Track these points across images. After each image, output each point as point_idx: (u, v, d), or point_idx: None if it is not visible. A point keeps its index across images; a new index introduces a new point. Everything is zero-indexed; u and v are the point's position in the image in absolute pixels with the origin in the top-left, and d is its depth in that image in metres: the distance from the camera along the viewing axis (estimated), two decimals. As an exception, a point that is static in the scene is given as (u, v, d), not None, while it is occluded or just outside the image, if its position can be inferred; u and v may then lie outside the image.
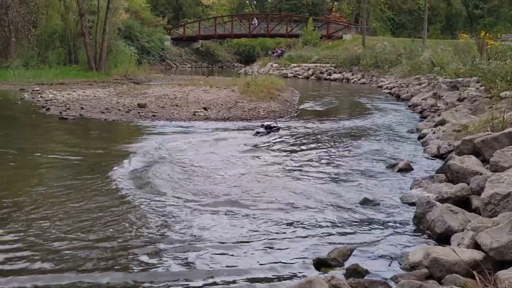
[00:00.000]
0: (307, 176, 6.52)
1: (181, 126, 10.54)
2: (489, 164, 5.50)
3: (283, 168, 6.98)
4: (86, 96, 15.17)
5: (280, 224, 4.70)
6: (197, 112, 12.12)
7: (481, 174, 5.19)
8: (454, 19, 57.27)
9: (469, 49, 19.43)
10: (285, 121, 11.67)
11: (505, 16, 45.12)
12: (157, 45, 45.47)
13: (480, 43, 17.27)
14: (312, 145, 8.71)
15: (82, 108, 12.62)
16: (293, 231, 4.52)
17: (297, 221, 4.76)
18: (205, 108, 12.57)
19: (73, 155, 7.67)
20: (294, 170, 6.83)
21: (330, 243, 4.24)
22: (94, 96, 15.19)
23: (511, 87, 9.84)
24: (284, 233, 4.48)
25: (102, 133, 10.02)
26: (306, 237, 4.40)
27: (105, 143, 8.61)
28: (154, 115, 11.75)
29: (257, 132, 9.70)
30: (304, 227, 4.62)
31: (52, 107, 12.88)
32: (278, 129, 10.01)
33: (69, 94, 15.51)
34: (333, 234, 4.46)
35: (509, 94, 9.54)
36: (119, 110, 12.46)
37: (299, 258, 3.97)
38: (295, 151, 8.17)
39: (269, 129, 9.83)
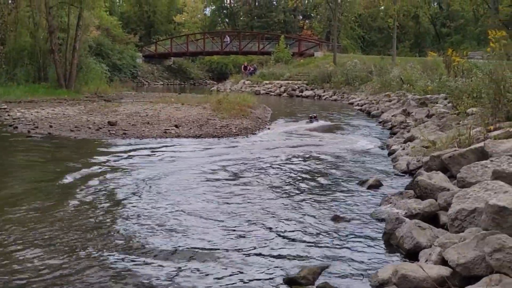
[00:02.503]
0: (277, 193, 6.51)
1: (152, 144, 10.45)
2: (456, 180, 5.58)
3: (252, 186, 6.96)
4: (55, 114, 14.94)
5: (250, 242, 4.67)
6: (168, 129, 12.04)
7: (448, 190, 5.26)
8: (422, 37, 58.51)
9: (437, 67, 19.84)
10: (256, 138, 11.68)
11: (471, 34, 46.27)
12: (128, 62, 45.20)
13: (447, 60, 17.65)
14: (283, 162, 8.71)
15: (51, 127, 12.41)
16: (263, 249, 4.49)
17: (267, 239, 4.74)
18: (176, 126, 12.51)
19: (37, 174, 7.52)
20: (264, 188, 6.81)
21: (300, 261, 4.23)
22: (64, 114, 14.98)
23: (477, 104, 10.04)
24: (254, 251, 4.45)
25: (68, 151, 9.81)
26: (276, 255, 4.38)
27: (71, 162, 8.42)
28: (124, 133, 11.64)
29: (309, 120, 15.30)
30: (274, 245, 4.60)
31: (20, 125, 12.63)
32: (317, 119, 15.49)
33: (37, 112, 15.25)
34: (304, 252, 4.45)
35: (475, 111, 9.74)
36: (89, 128, 12.29)
37: (269, 276, 3.94)
38: (266, 168, 8.16)
39: (313, 119, 15.41)
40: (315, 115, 15.97)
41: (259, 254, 4.39)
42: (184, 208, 5.72)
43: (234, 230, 5.00)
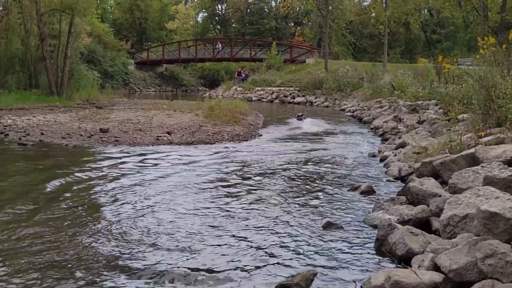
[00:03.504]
0: (269, 199, 6.51)
1: (144, 151, 10.42)
2: (448, 186, 5.61)
3: (243, 192, 6.96)
4: (47, 121, 14.88)
5: (242, 248, 4.66)
6: (161, 136, 12.03)
7: (440, 196, 5.28)
8: (413, 44, 58.91)
9: (428, 73, 19.97)
10: (249, 145, 11.70)
11: (462, 41, 46.64)
12: (120, 69, 45.15)
13: (438, 67, 17.77)
14: (275, 168, 8.72)
15: (42, 134, 12.35)
16: (255, 256, 4.49)
17: (260, 246, 4.73)
18: (168, 133, 12.49)
19: (26, 181, 7.46)
20: (256, 194, 6.81)
21: (293, 268, 4.23)
22: (55, 121, 14.92)
23: (468, 110, 10.12)
24: (247, 258, 4.44)
25: (59, 158, 9.74)
26: (269, 261, 4.37)
27: (61, 169, 8.37)
28: (116, 140, 11.60)
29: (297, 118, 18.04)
30: (266, 252, 4.60)
31: (11, 132, 12.56)
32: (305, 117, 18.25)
33: (29, 119, 15.18)
34: (296, 259, 4.45)
35: (466, 117, 9.81)
36: (81, 135, 12.25)
37: (261, 283, 3.94)
38: (257, 175, 8.16)
39: (301, 117, 18.30)
40: (302, 114, 19.01)
41: (251, 261, 4.38)
42: (173, 215, 5.71)
43: (225, 237, 4.99)
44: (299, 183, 7.63)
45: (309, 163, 9.32)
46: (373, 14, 47.82)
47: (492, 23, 35.08)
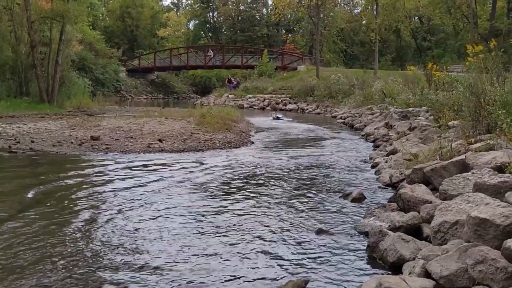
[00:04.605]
0: (261, 206, 6.51)
1: (135, 158, 10.38)
2: (439, 192, 5.64)
3: (236, 198, 6.95)
4: (38, 129, 14.80)
5: (232, 255, 4.65)
6: (152, 144, 11.99)
7: (431, 202, 5.29)
8: (404, 51, 59.33)
9: (418, 80, 20.08)
10: (240, 152, 11.69)
11: (452, 48, 47.06)
12: (111, 77, 45.12)
13: (428, 74, 17.88)
14: (267, 175, 8.71)
15: (32, 142, 12.28)
16: (247, 263, 4.48)
17: (250, 253, 4.72)
18: (160, 140, 12.46)
19: (14, 189, 7.42)
20: (247, 201, 6.80)
21: (284, 275, 4.21)
22: (46, 129, 14.84)
23: (458, 116, 10.17)
24: (237, 265, 4.43)
25: (49, 166, 9.66)
26: (260, 268, 4.36)
27: (50, 177, 8.31)
28: (107, 148, 11.55)
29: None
30: (258, 259, 4.58)
31: (0, 140, 12.47)
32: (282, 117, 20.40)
33: (19, 127, 15.09)
34: (288, 266, 4.44)
35: (456, 124, 9.87)
36: (72, 143, 12.19)
37: (253, 291, 3.93)
38: (249, 182, 8.16)
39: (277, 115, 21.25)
40: (279, 115, 22.20)
41: (241, 268, 4.37)
42: (163, 223, 5.69)
43: (215, 244, 4.97)
44: (290, 190, 7.62)
45: (300, 170, 9.32)
46: (364, 22, 48.27)
47: (481, 30, 35.41)
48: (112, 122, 16.30)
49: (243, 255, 4.69)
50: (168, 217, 5.93)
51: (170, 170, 9.15)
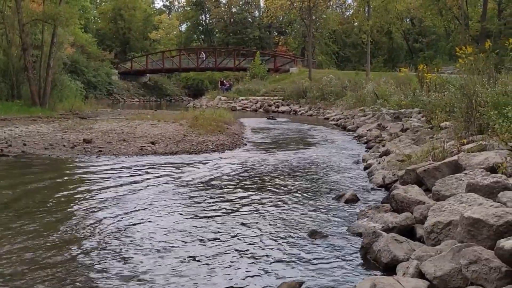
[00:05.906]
0: (254, 208, 6.50)
1: (127, 161, 10.35)
2: (432, 193, 5.65)
3: (229, 201, 6.93)
4: (30, 132, 14.71)
5: (227, 257, 4.64)
6: (145, 146, 11.96)
7: (424, 203, 5.31)
8: (395, 53, 59.63)
9: (410, 82, 20.17)
10: (233, 154, 11.68)
11: (443, 49, 47.34)
12: (104, 79, 45.01)
13: (420, 75, 17.97)
14: (259, 177, 8.71)
15: (24, 145, 12.21)
16: (240, 265, 4.46)
17: (244, 255, 4.71)
18: (152, 143, 12.43)
19: (6, 192, 7.38)
20: (240, 203, 6.79)
21: (278, 277, 4.21)
22: (38, 132, 14.76)
23: (450, 117, 10.22)
24: (230, 267, 4.41)
25: (41, 169, 9.57)
26: (254, 270, 4.35)
27: (42, 180, 8.25)
28: (100, 151, 11.51)
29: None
30: (251, 261, 4.57)
31: (-8, 144, 12.39)
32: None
33: (11, 130, 15.00)
34: (282, 267, 4.43)
35: (448, 125, 9.91)
36: (64, 146, 12.13)
37: (247, 293, 3.92)
38: (241, 184, 8.15)
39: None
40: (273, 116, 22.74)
41: (235, 270, 4.35)
42: (155, 225, 5.67)
43: (207, 247, 4.95)
44: (283, 191, 7.62)
45: (293, 172, 9.32)
46: (356, 24, 48.33)
47: (473, 31, 35.65)
48: (104, 125, 16.24)
49: (236, 258, 4.67)
50: (161, 220, 5.90)
51: (163, 172, 9.12)
